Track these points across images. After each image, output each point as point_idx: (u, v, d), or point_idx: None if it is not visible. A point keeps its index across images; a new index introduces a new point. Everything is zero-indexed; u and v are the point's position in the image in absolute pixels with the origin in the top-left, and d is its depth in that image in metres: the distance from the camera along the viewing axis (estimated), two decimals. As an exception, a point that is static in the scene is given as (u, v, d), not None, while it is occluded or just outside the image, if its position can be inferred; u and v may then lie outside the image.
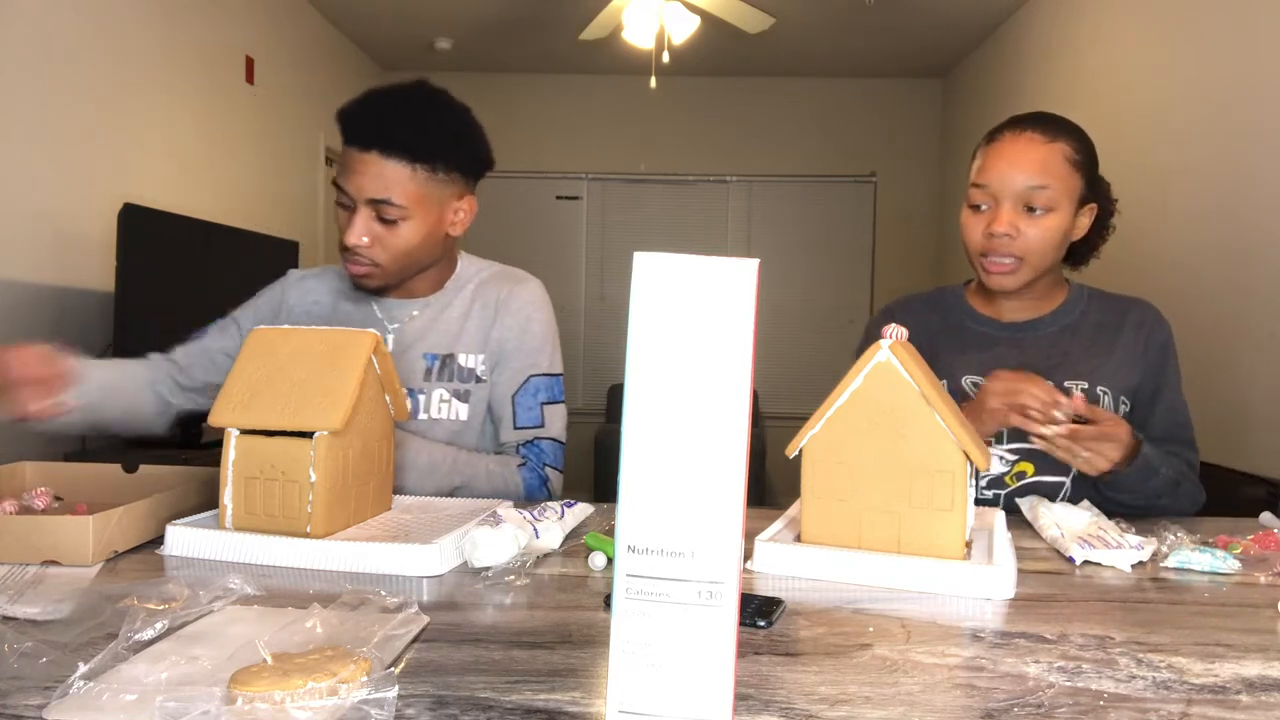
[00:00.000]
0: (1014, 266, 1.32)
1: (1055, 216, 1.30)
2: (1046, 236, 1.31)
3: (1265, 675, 0.65)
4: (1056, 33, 3.99)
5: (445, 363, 1.39)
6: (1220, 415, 2.59)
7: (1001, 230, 1.30)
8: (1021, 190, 1.29)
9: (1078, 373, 1.34)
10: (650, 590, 0.51)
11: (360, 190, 1.28)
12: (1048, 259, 1.33)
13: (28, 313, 2.63)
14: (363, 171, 1.27)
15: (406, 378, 1.37)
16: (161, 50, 3.29)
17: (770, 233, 5.70)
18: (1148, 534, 1.04)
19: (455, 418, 1.38)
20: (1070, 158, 1.32)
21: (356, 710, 0.54)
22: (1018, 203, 1.30)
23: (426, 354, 1.39)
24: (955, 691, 0.62)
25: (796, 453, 0.96)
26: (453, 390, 1.38)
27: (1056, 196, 1.30)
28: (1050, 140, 1.31)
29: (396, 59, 5.51)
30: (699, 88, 5.66)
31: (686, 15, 3.85)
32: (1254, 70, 2.61)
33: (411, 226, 1.31)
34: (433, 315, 1.42)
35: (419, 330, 1.41)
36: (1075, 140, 1.34)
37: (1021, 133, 1.32)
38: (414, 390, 1.37)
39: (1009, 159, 1.31)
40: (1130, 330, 1.38)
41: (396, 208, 1.28)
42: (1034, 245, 1.31)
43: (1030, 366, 1.34)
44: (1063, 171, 1.30)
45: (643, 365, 0.50)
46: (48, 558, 0.88)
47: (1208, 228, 2.80)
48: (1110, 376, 1.34)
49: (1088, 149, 1.35)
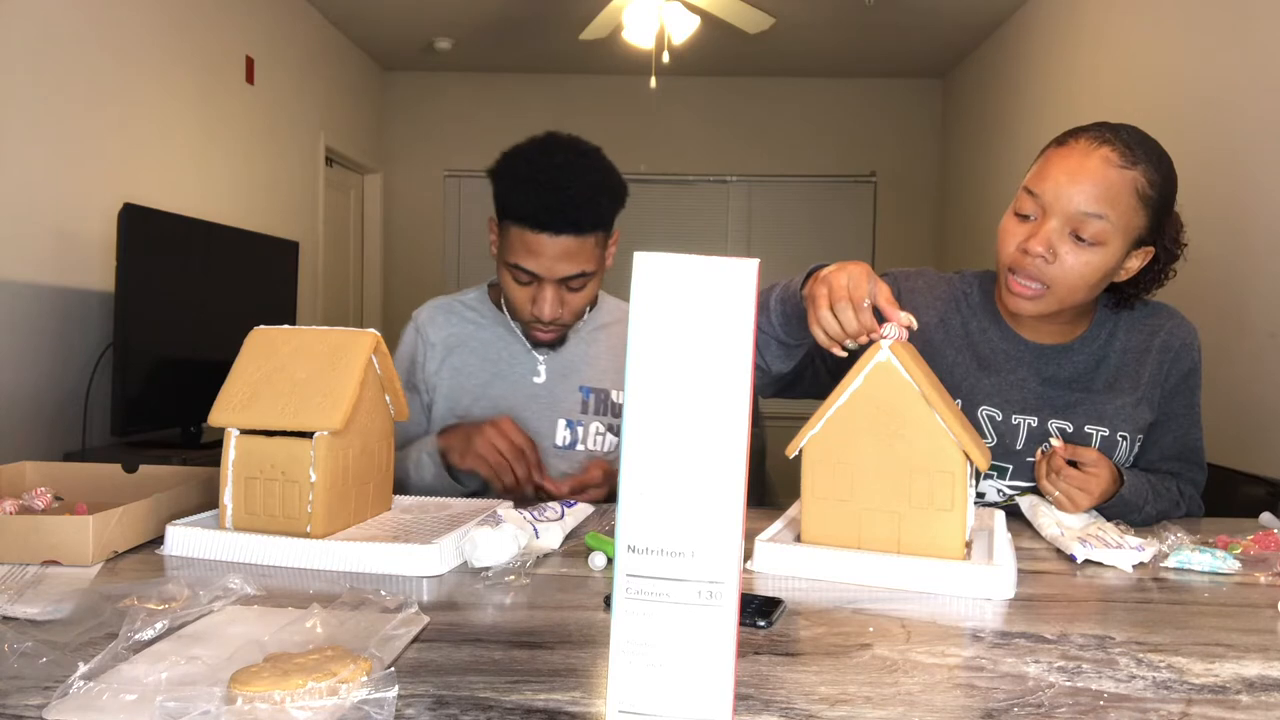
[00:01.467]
0: (1039, 293, 1.18)
1: (1103, 252, 1.16)
2: (1085, 272, 1.16)
3: (1265, 675, 0.65)
4: (1057, 33, 3.99)
5: (600, 397, 1.48)
6: (1220, 415, 2.58)
7: (1038, 250, 1.15)
8: (1074, 213, 1.14)
9: (1099, 416, 1.26)
10: (650, 590, 0.51)
11: (552, 272, 1.33)
12: (1078, 295, 1.19)
13: (28, 313, 2.63)
14: (554, 255, 1.31)
15: (565, 409, 1.46)
16: (161, 50, 3.29)
17: (770, 233, 5.70)
18: (1148, 534, 1.04)
19: (608, 450, 1.47)
20: (1142, 192, 1.16)
21: (356, 710, 0.54)
22: (1067, 224, 1.15)
23: (582, 387, 1.47)
24: (955, 691, 0.62)
25: (796, 453, 0.96)
26: (607, 424, 1.48)
27: (1111, 232, 1.15)
28: (1126, 166, 1.15)
29: (396, 59, 5.51)
30: (699, 88, 5.66)
31: (686, 15, 3.85)
32: (1254, 70, 2.61)
33: (594, 284, 1.40)
34: (580, 348, 1.49)
35: (570, 362, 1.48)
36: (1155, 172, 1.17)
37: (1097, 148, 1.15)
38: (572, 422, 1.46)
39: (1071, 173, 1.15)
40: (1156, 355, 1.28)
41: (586, 276, 1.36)
42: (1068, 277, 1.16)
43: (1051, 401, 1.27)
44: (1128, 205, 1.15)
45: (643, 365, 0.50)
46: (48, 558, 0.88)
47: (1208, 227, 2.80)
48: (1129, 419, 1.26)
49: (1166, 183, 1.19)
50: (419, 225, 5.75)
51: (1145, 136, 1.20)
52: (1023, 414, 1.26)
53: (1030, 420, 1.26)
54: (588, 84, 5.71)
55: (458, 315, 1.52)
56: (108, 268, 2.70)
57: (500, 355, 1.48)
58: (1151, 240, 1.22)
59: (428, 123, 5.69)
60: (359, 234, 5.55)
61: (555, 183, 1.29)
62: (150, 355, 2.68)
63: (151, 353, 2.68)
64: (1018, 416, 1.27)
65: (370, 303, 5.57)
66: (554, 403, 1.46)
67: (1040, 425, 1.26)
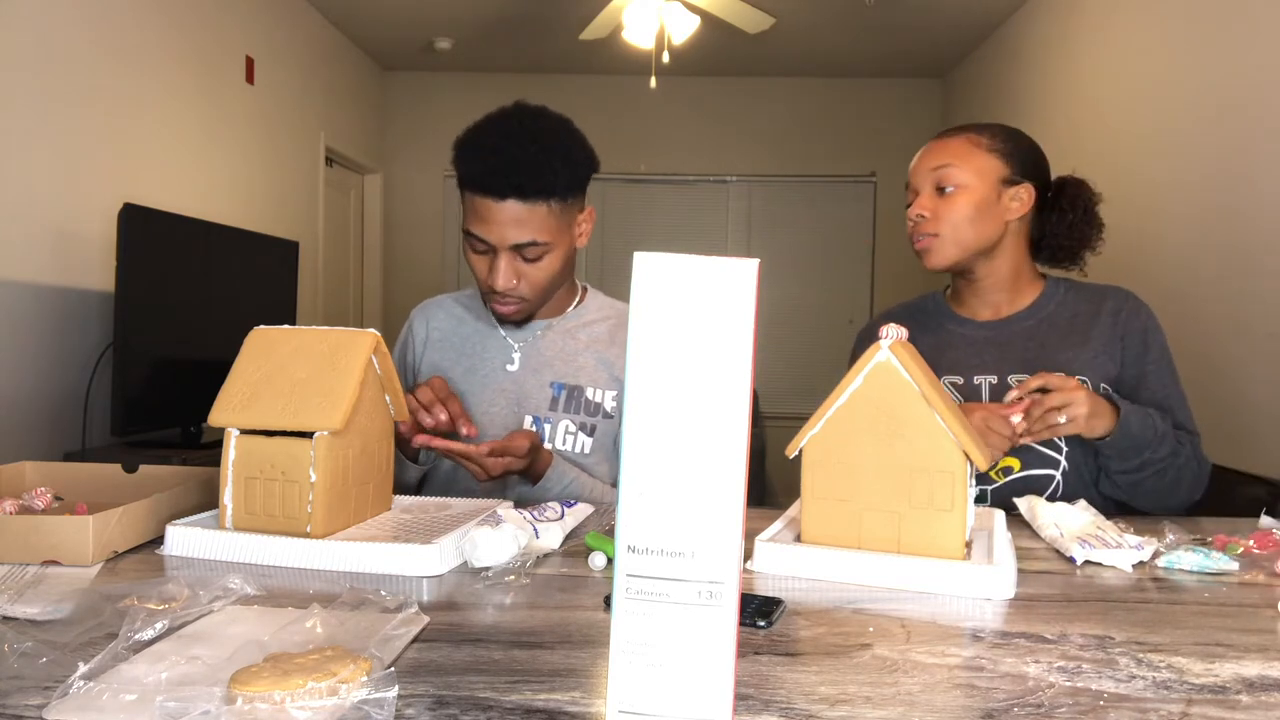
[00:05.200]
0: (930, 243, 1.40)
1: (965, 192, 1.38)
2: (958, 210, 1.38)
3: (1265, 675, 0.65)
4: (1056, 33, 3.99)
5: (572, 394, 1.42)
6: (1220, 415, 2.59)
7: (915, 212, 1.41)
8: (930, 174, 1.40)
9: (1054, 365, 1.36)
10: (650, 590, 0.51)
11: (503, 239, 1.30)
12: (965, 232, 1.39)
13: (28, 313, 2.63)
14: (502, 221, 1.29)
15: (534, 405, 1.41)
16: (161, 50, 3.29)
17: (770, 233, 5.70)
18: (1147, 534, 1.04)
19: (580, 450, 1.40)
20: (977, 143, 1.41)
21: (356, 710, 0.54)
22: (931, 187, 1.40)
23: (554, 383, 1.42)
24: (955, 691, 0.62)
25: (796, 453, 0.96)
26: (579, 423, 1.41)
27: (963, 174, 1.38)
28: (958, 134, 1.43)
29: (396, 59, 5.51)
30: (699, 88, 5.66)
31: (686, 15, 3.85)
32: (1254, 69, 2.61)
33: (553, 257, 1.35)
34: (557, 341, 1.45)
35: (545, 356, 1.44)
36: (986, 133, 1.42)
37: (937, 136, 1.46)
38: (539, 419, 1.40)
39: (922, 154, 1.44)
40: (1107, 317, 1.40)
41: (540, 246, 1.32)
42: (947, 220, 1.39)
43: (1008, 362, 1.40)
44: (970, 154, 1.40)
45: (643, 365, 0.50)
46: (48, 558, 0.88)
47: (1208, 228, 2.80)
48: (1087, 366, 1.36)
49: (1010, 139, 1.42)
50: (419, 225, 5.75)
51: (989, 124, 1.45)
52: (983, 374, 1.40)
53: (990, 379, 1.40)
54: (588, 84, 5.71)
55: (446, 311, 1.51)
56: (108, 268, 2.70)
57: (476, 349, 1.46)
58: (1023, 179, 1.41)
59: (428, 123, 5.69)
60: (359, 234, 5.55)
61: (499, 148, 1.28)
62: (150, 355, 2.68)
63: (151, 353, 2.68)
64: (979, 377, 1.40)
65: (370, 303, 5.57)
66: (522, 397, 1.41)
67: (1000, 381, 1.38)
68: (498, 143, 1.29)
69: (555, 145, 1.32)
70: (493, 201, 1.28)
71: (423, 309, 1.54)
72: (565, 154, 1.32)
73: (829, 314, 5.63)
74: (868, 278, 5.67)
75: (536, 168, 1.28)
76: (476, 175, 1.29)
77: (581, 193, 1.37)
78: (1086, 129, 3.64)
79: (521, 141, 1.29)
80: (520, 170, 1.27)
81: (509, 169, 1.27)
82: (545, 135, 1.32)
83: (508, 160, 1.27)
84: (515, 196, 1.27)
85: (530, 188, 1.27)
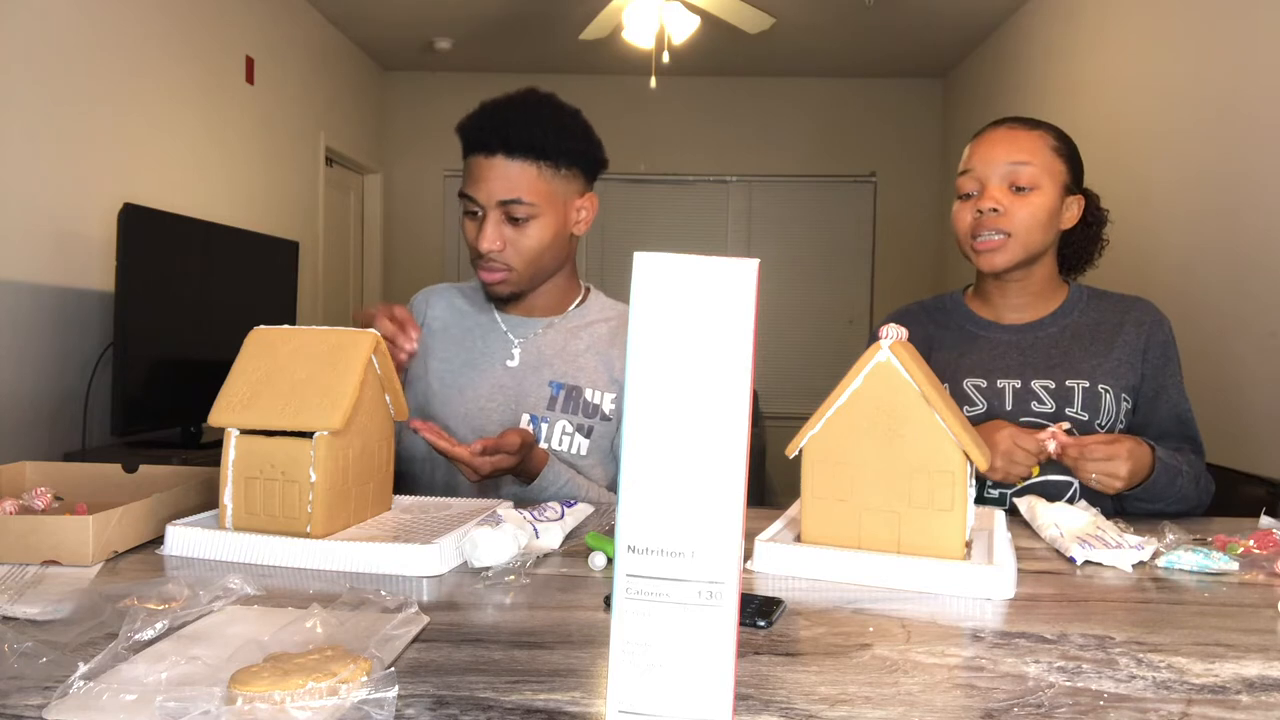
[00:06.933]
0: (1002, 243, 1.34)
1: (1040, 194, 1.34)
2: (1033, 212, 1.33)
3: (1265, 675, 0.65)
4: (1056, 33, 3.99)
5: (571, 394, 1.40)
6: (1220, 415, 2.59)
7: (988, 205, 1.33)
8: (1005, 168, 1.34)
9: (1078, 372, 1.35)
10: (650, 590, 0.51)
11: (490, 195, 1.31)
12: (1035, 236, 1.35)
13: (28, 313, 2.63)
14: (490, 176, 1.31)
15: (532, 403, 1.39)
16: (161, 50, 3.29)
17: (770, 233, 5.70)
18: (1147, 534, 1.04)
19: (576, 452, 1.39)
20: (1052, 145, 1.36)
21: (356, 710, 0.54)
22: (1003, 181, 1.34)
23: (553, 382, 1.41)
24: (955, 691, 0.62)
25: (796, 453, 0.96)
26: (576, 424, 1.39)
27: (1040, 175, 1.33)
28: (1031, 129, 1.37)
29: (396, 59, 5.51)
30: (699, 88, 5.66)
31: (686, 15, 3.85)
32: (1255, 70, 2.61)
33: (541, 225, 1.34)
34: (558, 340, 1.44)
35: (545, 354, 1.43)
36: (1056, 133, 1.39)
37: (1004, 125, 1.39)
38: (536, 418, 1.39)
39: (992, 144, 1.36)
40: (1131, 328, 1.39)
41: (526, 205, 1.32)
42: (1021, 220, 1.33)
43: (1031, 367, 1.37)
44: (1045, 154, 1.35)
45: (643, 365, 0.50)
46: (48, 558, 0.88)
47: (1208, 227, 2.80)
48: (1110, 374, 1.35)
49: (1070, 144, 1.40)
50: (419, 225, 5.75)
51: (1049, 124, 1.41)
52: (1006, 378, 1.37)
53: (1014, 383, 1.37)
54: (587, 84, 5.70)
55: (447, 300, 1.51)
56: (108, 268, 2.70)
57: (476, 344, 1.45)
58: (1078, 191, 1.40)
59: (428, 123, 5.69)
60: (359, 234, 5.55)
61: (495, 110, 1.33)
62: (150, 355, 2.68)
63: (151, 353, 2.68)
64: (1001, 381, 1.37)
65: (370, 303, 5.56)
66: (520, 395, 1.40)
67: (1024, 386, 1.36)
68: (495, 108, 1.34)
69: (548, 113, 1.35)
70: (482, 158, 1.32)
71: (425, 294, 1.54)
72: (559, 122, 1.35)
73: (829, 314, 5.63)
74: (868, 278, 5.67)
75: (525, 124, 1.31)
76: (470, 134, 1.33)
77: (579, 170, 1.38)
78: (1087, 129, 3.64)
79: (517, 106, 1.34)
80: (509, 126, 1.31)
81: (499, 125, 1.31)
82: (542, 106, 1.36)
83: (499, 119, 1.32)
84: (503, 151, 1.30)
85: (516, 141, 1.30)
